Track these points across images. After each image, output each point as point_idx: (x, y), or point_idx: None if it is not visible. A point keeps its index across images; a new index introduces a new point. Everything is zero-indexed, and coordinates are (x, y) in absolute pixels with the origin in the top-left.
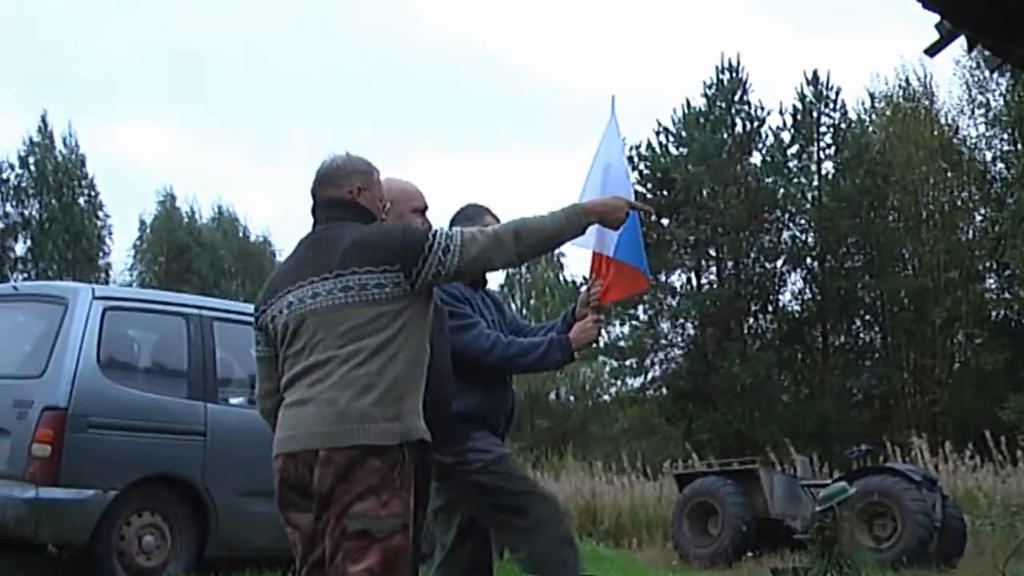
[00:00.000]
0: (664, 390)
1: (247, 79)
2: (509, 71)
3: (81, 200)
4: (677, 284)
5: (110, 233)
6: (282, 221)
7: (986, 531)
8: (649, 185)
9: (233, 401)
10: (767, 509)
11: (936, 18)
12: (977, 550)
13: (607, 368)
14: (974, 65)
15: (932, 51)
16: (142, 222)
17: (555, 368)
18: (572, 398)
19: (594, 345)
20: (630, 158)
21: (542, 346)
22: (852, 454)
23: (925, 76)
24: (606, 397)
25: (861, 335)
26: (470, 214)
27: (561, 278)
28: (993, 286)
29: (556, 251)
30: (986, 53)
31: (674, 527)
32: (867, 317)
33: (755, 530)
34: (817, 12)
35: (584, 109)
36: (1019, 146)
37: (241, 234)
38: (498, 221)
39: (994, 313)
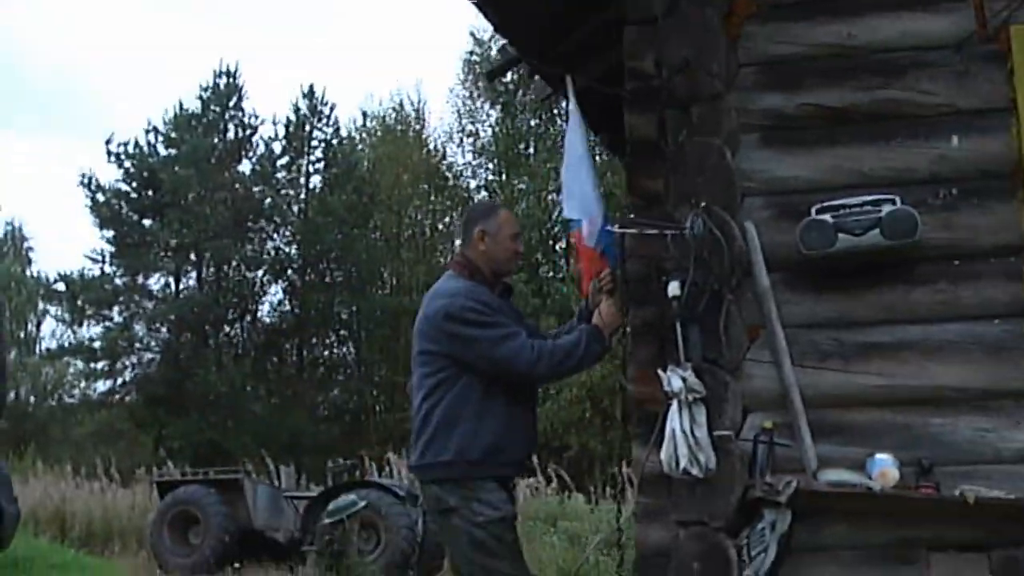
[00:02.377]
0: (136, 395)
1: None
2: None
3: None
4: (155, 287)
5: None
6: None
7: None
8: (135, 184)
9: None
10: (250, 519)
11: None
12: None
13: (71, 369)
14: (467, 95)
15: (494, 75)
16: None
17: (595, 362)
18: (33, 398)
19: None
20: (117, 155)
21: (581, 342)
22: (337, 468)
23: (419, 101)
24: (69, 399)
25: (336, 350)
26: (480, 214)
27: (29, 273)
28: None
29: (25, 243)
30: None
31: (153, 535)
32: (342, 332)
33: (237, 540)
34: (321, 27)
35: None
36: (504, 176)
37: None
38: (508, 212)
39: None
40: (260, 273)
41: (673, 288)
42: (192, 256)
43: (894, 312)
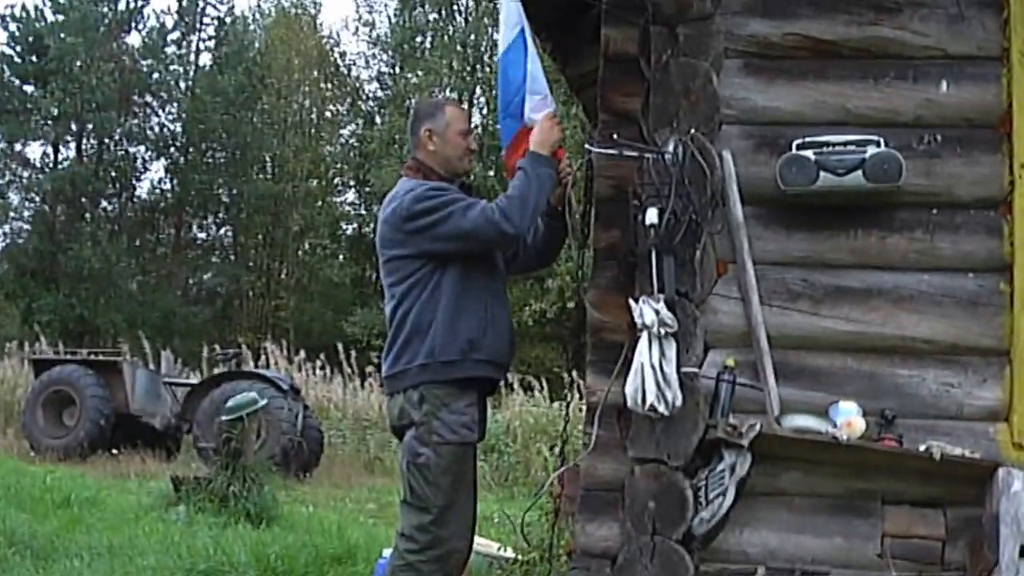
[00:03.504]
0: (6, 265)
1: None
2: None
3: None
4: (33, 156)
5: None
6: None
7: (338, 443)
8: (19, 48)
9: None
10: (127, 404)
11: None
12: (330, 461)
13: None
14: None
15: None
16: None
17: (552, 185)
18: None
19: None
20: (2, 17)
21: (527, 176)
22: (222, 357)
23: None
24: None
25: (214, 232)
26: (426, 113)
27: None
28: (352, 201)
29: None
30: None
31: (26, 415)
32: (221, 215)
33: (113, 424)
34: None
35: None
36: (398, 69)
37: None
38: (455, 107)
39: (349, 228)
40: (142, 149)
41: (651, 216)
42: (73, 127)
43: (868, 257)
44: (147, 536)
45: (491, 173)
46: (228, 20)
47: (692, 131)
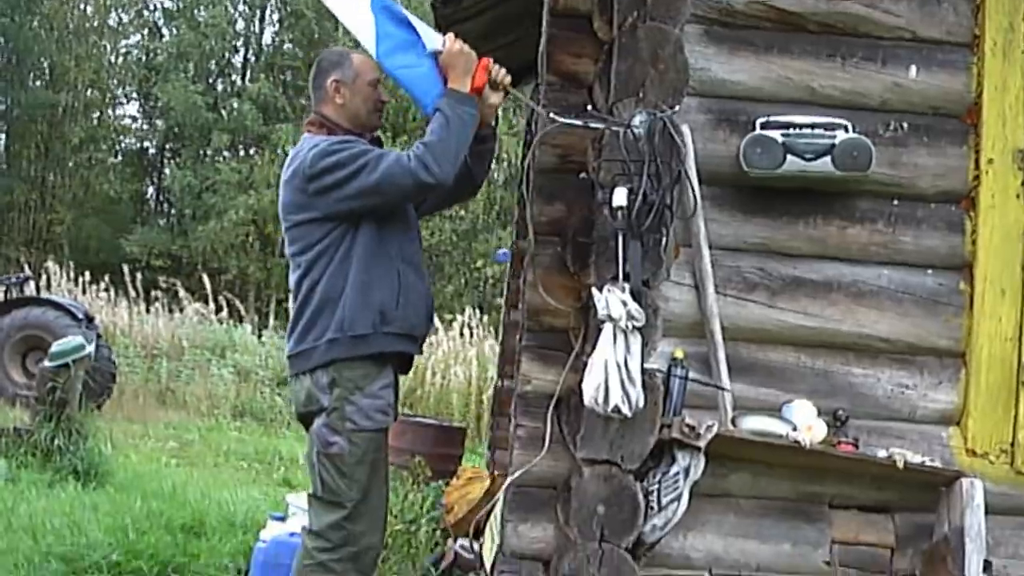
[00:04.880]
0: None
1: None
2: None
3: None
4: None
5: None
6: None
7: (127, 372)
8: None
9: None
10: None
11: None
12: (119, 391)
13: None
14: None
15: None
16: None
17: (476, 121)
18: None
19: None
20: None
21: (446, 116)
22: (11, 281)
23: None
24: None
25: None
26: (331, 63)
27: None
28: (133, 114)
29: None
30: None
31: None
32: None
33: None
34: None
35: None
36: None
37: None
38: (363, 56)
39: (133, 142)
40: None
41: (619, 196)
42: None
43: (826, 247)
44: None
45: None
46: None
47: (662, 104)
